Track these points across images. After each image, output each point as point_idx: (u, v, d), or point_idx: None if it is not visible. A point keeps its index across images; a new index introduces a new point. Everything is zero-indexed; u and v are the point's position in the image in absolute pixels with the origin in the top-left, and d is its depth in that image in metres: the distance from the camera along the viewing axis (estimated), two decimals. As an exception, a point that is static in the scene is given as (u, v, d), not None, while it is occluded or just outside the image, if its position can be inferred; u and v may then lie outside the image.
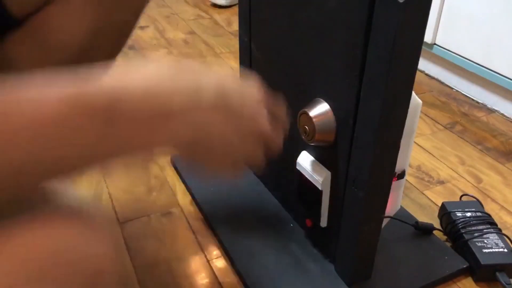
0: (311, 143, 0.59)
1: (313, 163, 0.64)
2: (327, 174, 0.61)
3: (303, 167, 0.65)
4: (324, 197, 0.62)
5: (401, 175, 0.70)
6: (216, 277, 0.70)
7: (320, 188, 0.62)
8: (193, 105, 0.36)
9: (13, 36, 0.51)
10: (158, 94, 0.35)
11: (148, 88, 0.34)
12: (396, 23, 0.44)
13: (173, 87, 0.36)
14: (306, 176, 0.64)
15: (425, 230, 0.75)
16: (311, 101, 0.59)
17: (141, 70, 0.36)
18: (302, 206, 0.69)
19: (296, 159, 0.66)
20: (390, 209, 0.75)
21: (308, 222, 0.70)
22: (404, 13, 0.43)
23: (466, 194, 0.86)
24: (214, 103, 0.38)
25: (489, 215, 0.76)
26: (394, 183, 0.65)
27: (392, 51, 0.45)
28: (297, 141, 0.67)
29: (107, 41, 0.57)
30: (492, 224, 0.74)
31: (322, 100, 0.58)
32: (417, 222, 0.75)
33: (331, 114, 0.57)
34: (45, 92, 0.29)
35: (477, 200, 0.80)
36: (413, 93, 0.59)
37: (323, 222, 0.65)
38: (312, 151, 0.65)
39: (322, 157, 0.63)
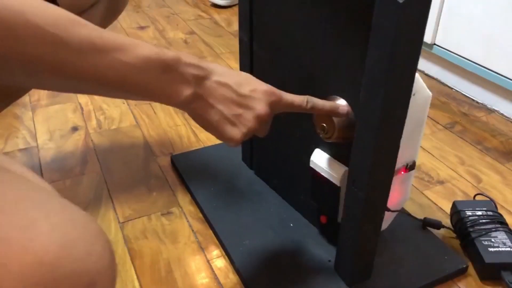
0: (330, 140, 0.59)
1: (329, 160, 0.64)
2: (345, 170, 0.61)
3: (317, 165, 0.65)
4: (342, 192, 0.63)
5: (412, 166, 0.70)
6: (216, 277, 0.70)
7: (338, 184, 0.62)
8: (220, 81, 0.51)
9: None
10: (203, 67, 0.50)
11: (199, 61, 0.50)
12: (396, 23, 0.44)
13: (217, 68, 0.51)
14: (322, 173, 0.64)
15: (433, 226, 0.76)
16: (328, 98, 0.59)
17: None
18: (317, 203, 0.69)
19: (308, 157, 0.66)
20: (399, 201, 0.75)
21: (323, 219, 0.71)
22: (403, 13, 0.43)
23: (481, 194, 0.86)
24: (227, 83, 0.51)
25: (501, 215, 0.76)
26: (405, 175, 0.65)
27: (392, 51, 0.45)
28: (306, 139, 0.67)
29: None
30: (503, 224, 0.74)
31: (338, 97, 0.58)
32: (425, 218, 0.76)
33: (350, 110, 0.57)
34: (145, 45, 0.46)
35: (491, 200, 0.80)
36: (424, 85, 0.59)
37: (340, 218, 0.66)
38: (326, 148, 0.65)
39: (337, 154, 0.63)
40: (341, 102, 0.58)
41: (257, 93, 0.52)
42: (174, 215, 0.81)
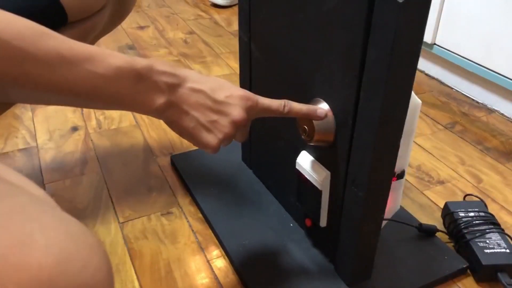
0: (311, 143, 0.59)
1: (312, 163, 0.64)
2: (327, 174, 0.61)
3: (302, 167, 0.65)
4: (324, 197, 0.63)
5: (401, 175, 0.70)
6: (216, 277, 0.70)
7: (319, 188, 0.62)
8: (194, 88, 0.51)
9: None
10: (177, 75, 0.50)
11: (173, 69, 0.49)
12: (396, 23, 0.44)
13: (191, 75, 0.51)
14: (306, 176, 0.64)
15: (428, 232, 0.75)
16: (311, 101, 0.59)
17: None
18: (302, 206, 0.69)
19: (296, 159, 0.66)
20: (389, 209, 0.75)
21: (308, 222, 0.70)
22: (403, 13, 0.43)
23: (470, 194, 0.86)
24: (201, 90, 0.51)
25: (493, 215, 0.76)
26: (394, 183, 0.65)
27: (391, 51, 0.45)
28: (296, 141, 0.67)
29: None
30: (495, 224, 0.74)
31: (321, 99, 0.58)
32: (420, 224, 0.75)
33: (330, 114, 0.57)
34: (116, 55, 0.46)
35: (481, 200, 0.80)
36: (413, 93, 0.59)
37: (323, 222, 0.65)
38: (312, 151, 0.65)
39: (321, 157, 0.63)
40: (323, 106, 0.58)
41: (233, 98, 0.52)
42: (174, 215, 0.81)
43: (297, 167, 0.66)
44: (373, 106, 0.50)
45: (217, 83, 0.53)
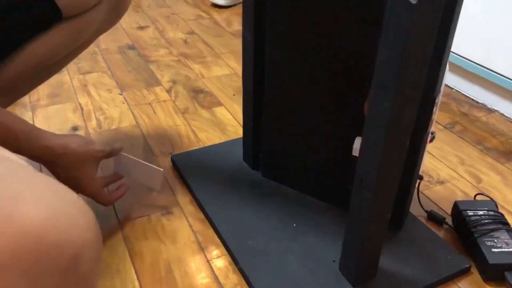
0: None
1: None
2: None
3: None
4: None
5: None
6: (216, 277, 0.69)
7: None
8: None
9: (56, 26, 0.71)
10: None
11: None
12: (409, 24, 0.44)
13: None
14: None
15: (436, 220, 0.79)
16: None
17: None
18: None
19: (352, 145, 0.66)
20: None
21: None
22: (416, 14, 0.43)
23: (481, 194, 0.86)
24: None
25: (502, 215, 0.76)
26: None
27: (403, 51, 0.45)
28: (348, 129, 0.67)
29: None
30: (505, 224, 0.74)
31: None
32: (431, 211, 0.79)
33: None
34: None
35: (492, 199, 0.80)
36: None
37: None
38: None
39: None
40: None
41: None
42: (174, 215, 0.81)
43: (354, 153, 0.65)
44: (383, 107, 0.49)
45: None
